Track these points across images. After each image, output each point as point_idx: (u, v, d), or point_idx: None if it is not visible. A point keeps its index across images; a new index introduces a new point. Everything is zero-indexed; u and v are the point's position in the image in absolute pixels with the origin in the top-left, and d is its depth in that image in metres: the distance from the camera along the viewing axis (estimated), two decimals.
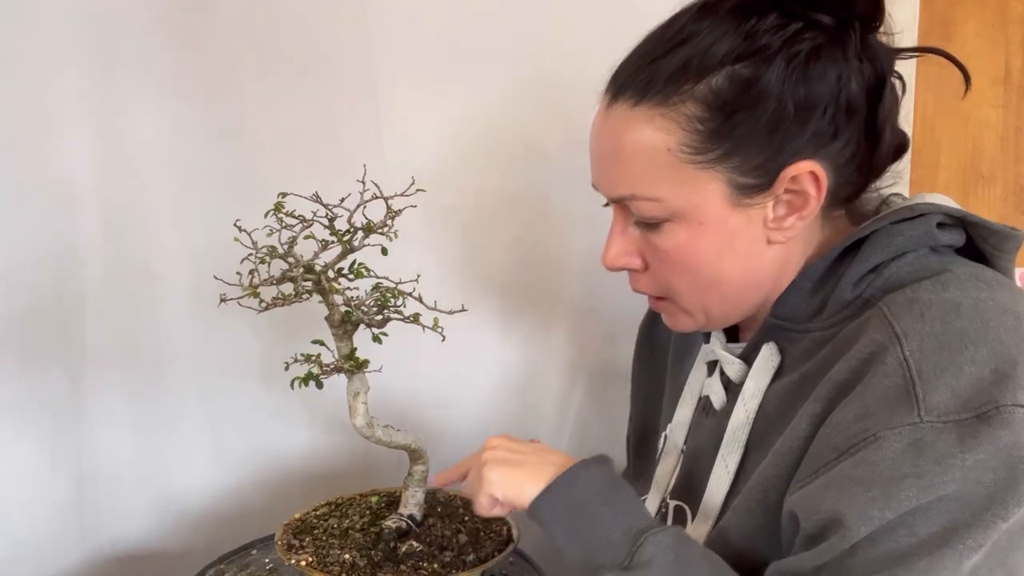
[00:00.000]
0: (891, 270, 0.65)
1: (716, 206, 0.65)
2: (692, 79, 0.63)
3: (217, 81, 1.07)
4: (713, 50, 0.63)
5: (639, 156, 0.66)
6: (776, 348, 0.70)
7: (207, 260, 0.97)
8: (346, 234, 0.83)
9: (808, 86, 0.63)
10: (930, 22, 1.33)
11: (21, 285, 1.03)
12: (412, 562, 0.85)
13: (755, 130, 0.63)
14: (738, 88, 0.62)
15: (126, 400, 1.11)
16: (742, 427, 0.71)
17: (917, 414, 0.56)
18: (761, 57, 0.62)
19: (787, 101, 0.62)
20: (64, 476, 1.10)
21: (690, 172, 0.65)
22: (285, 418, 1.18)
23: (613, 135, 0.68)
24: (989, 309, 0.59)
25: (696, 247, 0.67)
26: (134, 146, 1.06)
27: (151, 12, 1.03)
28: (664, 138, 0.64)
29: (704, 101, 0.63)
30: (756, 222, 0.66)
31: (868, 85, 0.65)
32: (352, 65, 1.10)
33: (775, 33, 0.62)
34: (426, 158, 1.10)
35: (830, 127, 0.64)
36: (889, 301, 0.62)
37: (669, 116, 0.64)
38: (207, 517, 1.18)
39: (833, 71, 0.63)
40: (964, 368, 0.56)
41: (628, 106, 0.66)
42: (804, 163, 0.64)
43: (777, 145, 0.63)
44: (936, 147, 1.38)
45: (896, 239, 0.65)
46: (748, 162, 0.64)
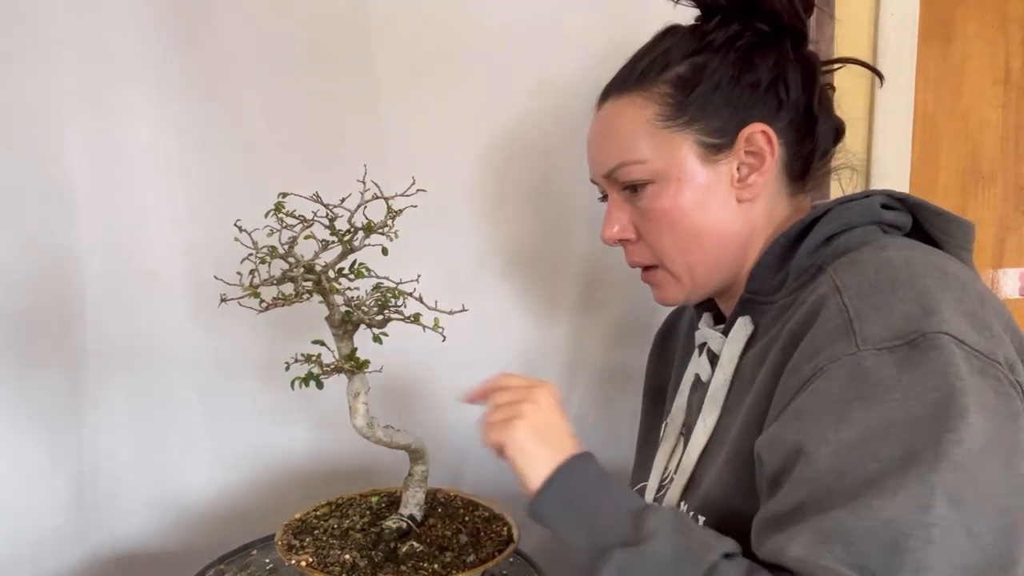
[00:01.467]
0: (840, 240, 0.75)
1: (689, 163, 0.80)
2: (661, 70, 0.81)
3: (217, 81, 1.07)
4: (676, 49, 0.82)
5: (625, 129, 0.82)
6: (749, 320, 0.81)
7: (207, 260, 0.97)
8: (346, 234, 0.83)
9: (750, 68, 0.80)
10: (930, 22, 1.33)
11: (21, 285, 1.03)
12: (412, 562, 0.85)
13: (712, 101, 0.80)
14: (695, 71, 0.80)
15: (126, 400, 1.11)
16: (720, 388, 0.81)
17: (855, 343, 0.64)
18: (711, 48, 0.80)
19: (736, 79, 0.79)
20: (64, 476, 1.09)
21: (666, 136, 0.80)
22: (285, 418, 1.18)
23: (604, 123, 0.86)
24: (918, 263, 0.68)
25: (678, 202, 0.81)
26: (134, 146, 1.06)
27: (151, 12, 1.03)
28: (643, 112, 0.81)
29: (671, 82, 0.81)
30: (724, 180, 0.81)
31: (802, 77, 0.81)
32: (352, 65, 1.10)
33: (720, 31, 0.81)
34: (426, 158, 1.10)
35: (773, 100, 0.80)
36: (835, 264, 0.72)
37: (646, 96, 0.81)
38: (207, 517, 1.18)
39: (770, 59, 0.80)
40: (895, 306, 0.65)
41: (614, 99, 0.84)
42: (756, 124, 0.79)
43: (731, 112, 0.80)
44: (936, 147, 1.38)
45: (844, 214, 0.76)
46: (711, 125, 0.80)
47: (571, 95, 1.13)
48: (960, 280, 0.67)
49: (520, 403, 0.76)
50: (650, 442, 1.00)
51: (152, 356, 1.11)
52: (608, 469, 0.95)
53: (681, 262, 0.83)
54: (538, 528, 0.74)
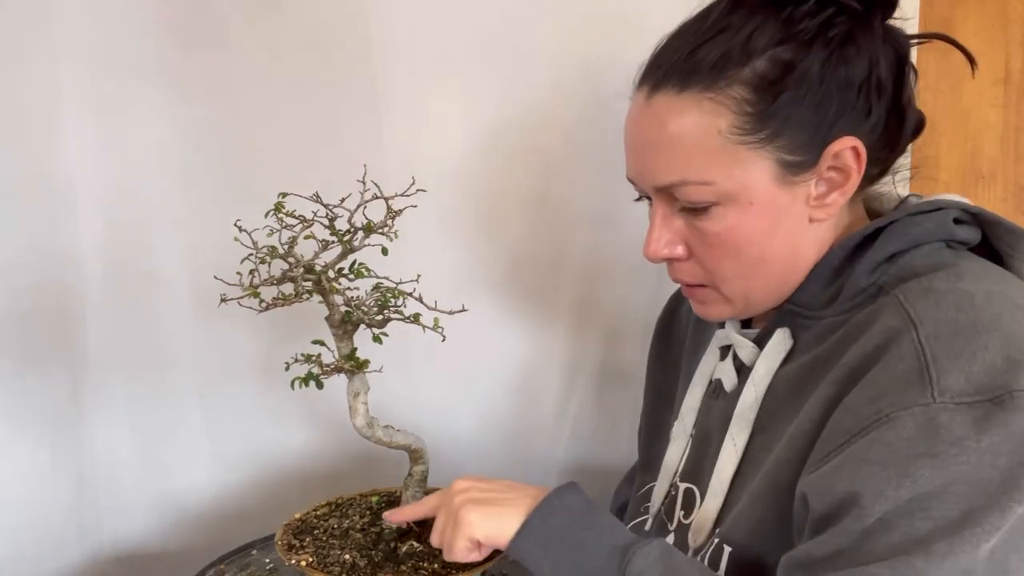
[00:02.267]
0: (906, 259, 0.67)
1: (764, 185, 0.68)
2: (737, 64, 0.66)
3: (217, 81, 1.07)
4: (755, 36, 0.66)
5: (688, 140, 0.68)
6: (789, 333, 0.72)
7: (207, 260, 0.97)
8: (346, 234, 0.83)
9: (845, 66, 0.66)
10: (930, 22, 1.33)
11: (21, 285, 1.03)
12: (412, 562, 0.85)
13: (800, 109, 0.66)
14: (781, 70, 0.66)
15: (126, 400, 1.11)
16: (751, 407, 0.72)
17: (931, 394, 0.57)
18: (800, 41, 0.66)
19: (828, 81, 0.66)
20: (64, 476, 1.09)
21: (741, 153, 0.67)
22: (285, 418, 1.18)
23: (658, 123, 0.69)
24: (1001, 302, 0.61)
25: (745, 228, 0.69)
26: (134, 146, 1.06)
27: (151, 12, 1.03)
28: (714, 121, 0.67)
29: (750, 84, 0.66)
30: (800, 200, 0.69)
31: (893, 66, 0.69)
32: (352, 65, 1.10)
33: (811, 18, 0.66)
34: (426, 158, 1.10)
35: (865, 105, 0.68)
36: (904, 289, 0.64)
37: (717, 100, 0.66)
38: (207, 517, 1.18)
39: (866, 52, 0.67)
40: (977, 354, 0.58)
41: (673, 94, 0.68)
42: (846, 139, 0.67)
43: (820, 123, 0.67)
44: (936, 147, 1.38)
45: (913, 229, 0.67)
46: (795, 140, 0.67)
47: (572, 95, 1.13)
48: None
49: (452, 504, 0.71)
50: (656, 439, 0.95)
51: (152, 356, 1.11)
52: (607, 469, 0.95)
53: (739, 287, 0.73)
54: None
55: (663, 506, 0.83)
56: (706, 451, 0.78)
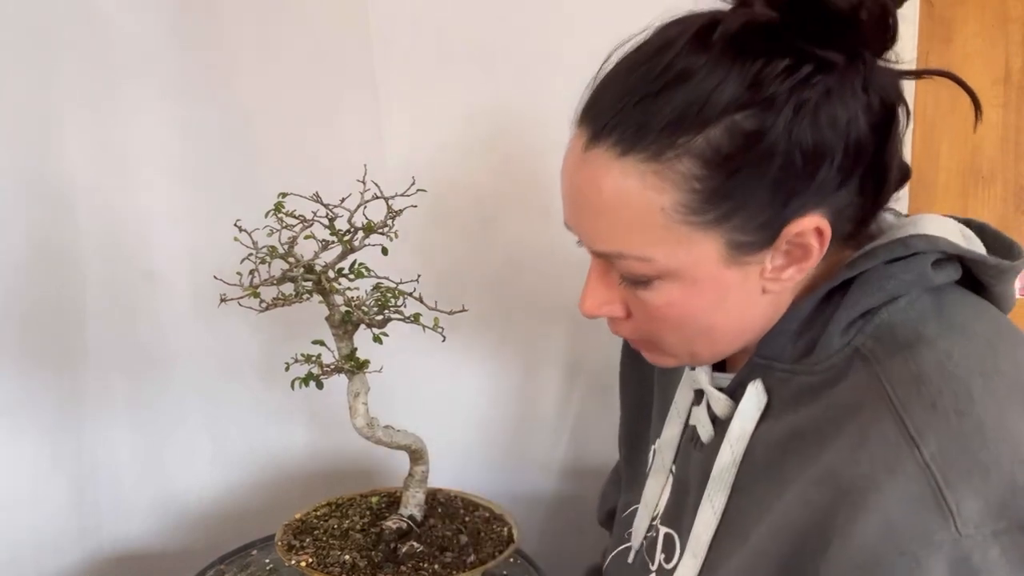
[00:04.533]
0: (882, 316, 0.60)
1: (711, 265, 0.60)
2: (689, 131, 0.55)
3: (217, 81, 1.07)
4: (713, 97, 0.55)
5: (627, 213, 0.59)
6: (763, 386, 0.65)
7: (207, 260, 0.97)
8: (346, 234, 0.83)
9: (817, 135, 0.56)
10: (930, 22, 1.33)
11: (21, 285, 1.03)
12: (412, 563, 0.85)
13: (759, 187, 0.56)
14: (741, 142, 0.55)
15: (126, 400, 1.11)
16: (728, 469, 0.66)
17: (953, 527, 0.50)
18: (766, 107, 0.55)
19: (794, 154, 0.56)
20: (64, 476, 1.09)
21: (686, 232, 0.58)
22: (285, 418, 1.18)
23: (594, 184, 0.60)
24: (1000, 388, 0.55)
25: (688, 304, 0.62)
26: (134, 146, 1.06)
27: (151, 12, 1.03)
28: (657, 197, 0.57)
29: (702, 157, 0.56)
30: (752, 276, 0.61)
31: (876, 120, 0.58)
32: (352, 65, 1.10)
33: (784, 80, 0.55)
34: (426, 158, 1.10)
35: (838, 175, 0.58)
36: (890, 373, 0.57)
37: (662, 174, 0.56)
38: (207, 517, 1.18)
39: (843, 114, 0.56)
40: (990, 470, 0.52)
41: (613, 155, 0.58)
42: (809, 219, 0.58)
43: (782, 201, 0.57)
44: (936, 147, 1.38)
45: (887, 283, 0.60)
46: (749, 221, 0.58)
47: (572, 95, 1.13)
48: None
49: None
50: (636, 451, 0.90)
51: (152, 356, 1.11)
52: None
53: (684, 350, 0.67)
54: (538, 528, 0.74)
55: (644, 542, 0.79)
56: (685, 499, 0.73)
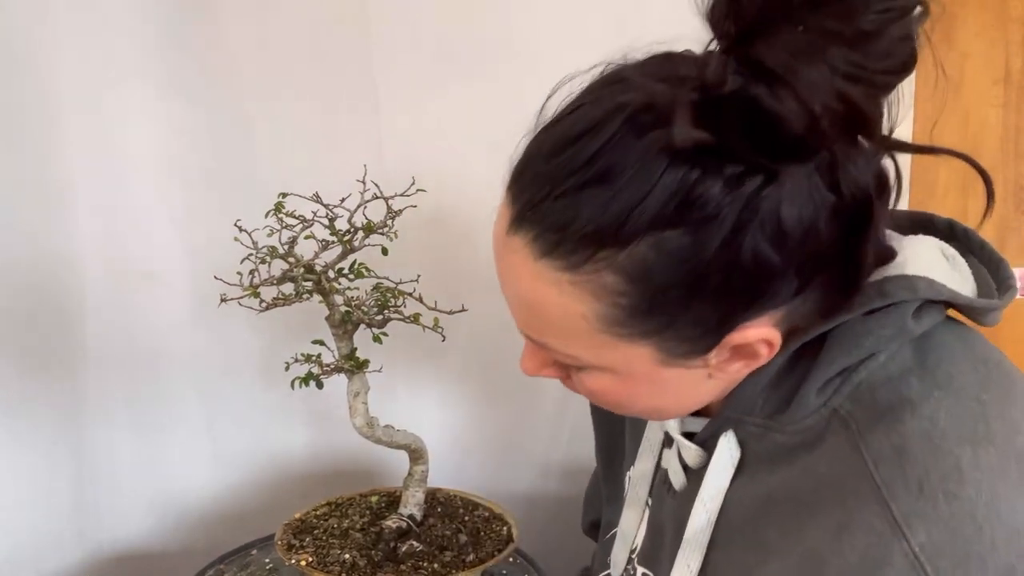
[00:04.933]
0: (860, 375, 0.54)
1: (645, 366, 0.54)
2: (610, 246, 0.48)
3: (217, 81, 1.07)
4: (638, 212, 0.47)
5: (547, 314, 0.53)
6: (735, 439, 0.60)
7: (207, 260, 0.97)
8: (346, 234, 0.83)
9: (762, 253, 0.48)
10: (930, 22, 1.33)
11: (21, 285, 1.03)
12: (412, 562, 0.85)
13: (692, 305, 0.50)
14: (670, 261, 0.48)
15: (126, 400, 1.11)
16: (703, 530, 0.62)
17: None
18: (701, 224, 0.47)
19: (734, 274, 0.48)
20: (64, 477, 1.10)
21: (610, 340, 0.52)
22: (285, 418, 1.18)
23: (515, 273, 0.54)
24: (992, 459, 0.49)
25: (624, 392, 0.57)
26: (134, 146, 1.06)
27: (151, 12, 1.03)
28: (576, 306, 0.51)
29: (625, 273, 0.48)
30: (695, 369, 0.55)
31: (846, 219, 0.50)
32: (352, 65, 1.10)
33: (723, 195, 0.46)
34: (426, 158, 1.10)
35: (793, 284, 0.50)
36: (872, 449, 0.51)
37: (581, 285, 0.50)
38: (207, 517, 1.18)
39: (799, 226, 0.48)
40: (986, 560, 0.47)
41: (529, 253, 0.51)
42: (754, 330, 0.52)
43: (719, 318, 0.51)
44: None
45: (864, 340, 0.53)
46: (683, 334, 0.52)
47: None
48: None
49: None
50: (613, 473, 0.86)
51: (152, 356, 1.11)
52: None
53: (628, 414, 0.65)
54: (538, 527, 0.74)
55: None
56: (661, 541, 0.70)
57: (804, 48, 0.44)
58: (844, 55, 0.45)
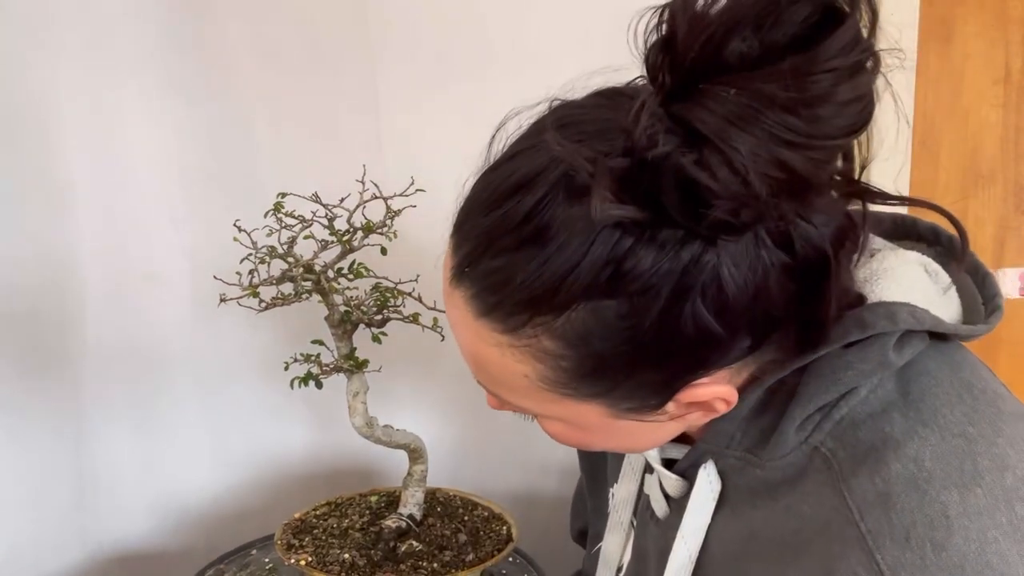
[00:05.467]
0: (841, 411, 0.52)
1: (598, 419, 0.53)
2: (546, 313, 0.47)
3: (217, 81, 1.07)
4: (573, 278, 0.45)
5: (492, 369, 0.52)
6: (715, 470, 0.59)
7: (207, 260, 0.97)
8: (346, 234, 0.83)
9: (705, 320, 0.45)
10: (930, 22, 1.33)
11: (21, 286, 1.03)
12: (411, 561, 0.85)
13: (634, 370, 0.48)
14: (607, 329, 0.46)
15: (126, 400, 1.11)
16: (685, 566, 0.60)
17: None
18: (637, 296, 0.45)
19: (675, 340, 0.46)
20: (64, 477, 1.10)
21: (557, 398, 0.51)
22: (285, 418, 1.18)
23: (459, 327, 0.53)
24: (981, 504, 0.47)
25: (584, 438, 0.57)
26: (134, 146, 1.06)
27: (151, 12, 1.03)
28: (518, 367, 0.50)
29: (564, 338, 0.47)
30: (652, 419, 0.53)
31: (802, 276, 0.47)
32: (352, 65, 1.10)
33: (656, 266, 0.44)
34: (426, 158, 1.10)
35: (744, 342, 0.48)
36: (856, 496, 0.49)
37: (521, 348, 0.49)
38: (207, 517, 1.18)
39: (744, 290, 0.45)
40: None
41: (469, 311, 0.50)
42: (704, 389, 0.50)
43: (665, 380, 0.49)
44: (936, 147, 1.38)
45: (843, 374, 0.51)
46: (629, 395, 0.50)
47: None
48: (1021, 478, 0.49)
49: None
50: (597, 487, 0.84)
51: (152, 356, 1.12)
52: None
53: None
54: (537, 527, 0.74)
55: None
56: (645, 568, 0.69)
57: (738, 113, 0.41)
58: (782, 120, 0.41)
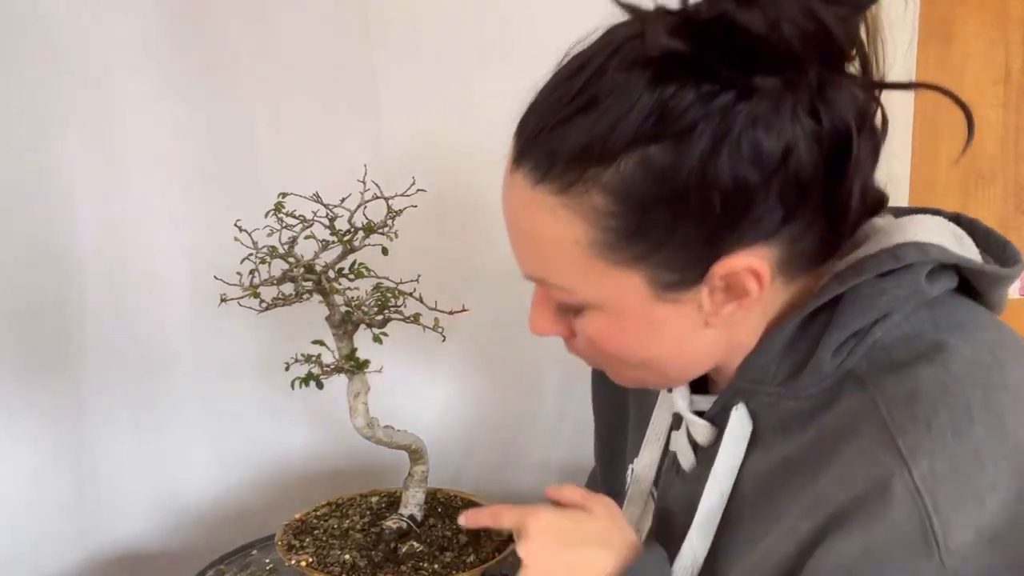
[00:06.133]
0: (875, 335, 0.55)
1: (637, 300, 0.56)
2: (597, 164, 0.51)
3: (217, 81, 1.07)
4: (622, 127, 0.50)
5: (543, 243, 0.56)
6: (746, 412, 0.61)
7: (207, 260, 0.97)
8: (346, 234, 0.83)
9: (741, 170, 0.50)
10: (930, 22, 1.33)
11: (21, 286, 1.03)
12: (412, 562, 0.85)
13: (678, 226, 0.52)
14: (653, 177, 0.51)
15: (126, 400, 1.11)
16: (716, 509, 0.62)
17: (938, 558, 0.48)
18: (680, 138, 0.50)
19: (714, 191, 0.50)
20: (64, 476, 1.09)
21: (602, 267, 0.55)
22: (285, 418, 1.18)
23: (514, 206, 0.58)
24: (1002, 402, 0.50)
25: (621, 336, 0.59)
26: (134, 146, 1.06)
27: (151, 12, 1.03)
28: (570, 230, 0.54)
29: (614, 192, 0.52)
30: (688, 311, 0.56)
31: (827, 148, 0.52)
32: (352, 65, 1.10)
33: (698, 109, 0.49)
34: (426, 158, 1.10)
35: (776, 211, 0.52)
36: (885, 393, 0.52)
37: (572, 207, 0.53)
38: (207, 517, 1.18)
39: (776, 145, 0.50)
40: (986, 497, 0.48)
41: (528, 182, 0.55)
42: (740, 258, 0.53)
43: (705, 240, 0.53)
44: (936, 147, 1.38)
45: (879, 299, 0.55)
46: (672, 260, 0.54)
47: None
48: None
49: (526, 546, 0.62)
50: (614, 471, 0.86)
51: (152, 356, 1.11)
52: None
53: (633, 378, 0.64)
54: None
55: None
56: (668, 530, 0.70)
57: None
58: None
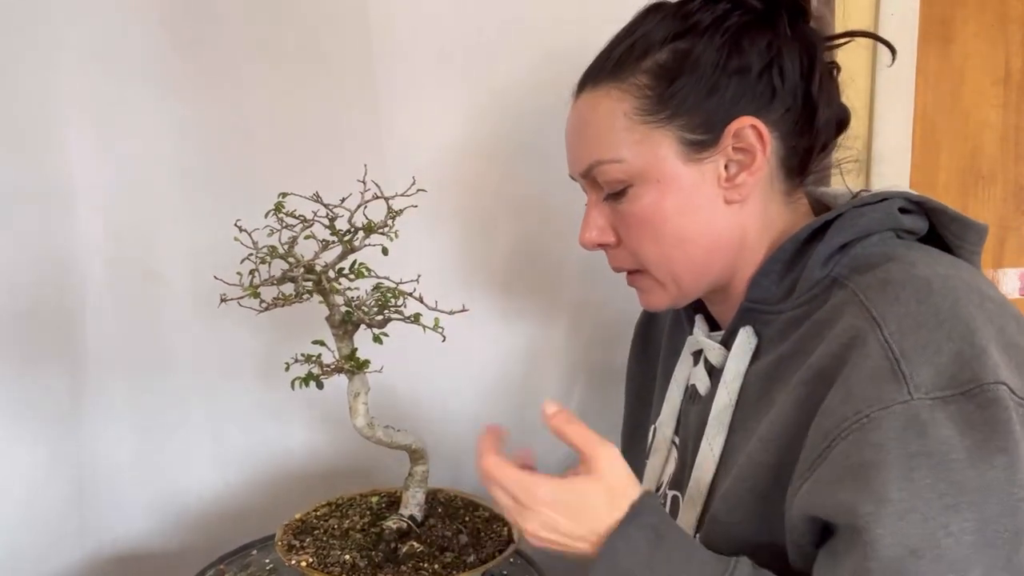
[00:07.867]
0: (857, 249, 0.70)
1: (671, 162, 0.74)
2: (640, 57, 0.74)
3: (217, 81, 1.07)
4: (655, 32, 0.74)
5: (600, 125, 0.76)
6: (752, 331, 0.75)
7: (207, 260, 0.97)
8: (347, 234, 0.83)
9: (740, 53, 0.72)
10: (930, 22, 1.33)
11: (21, 285, 1.03)
12: (412, 563, 0.85)
13: (696, 92, 0.72)
14: (677, 59, 0.73)
15: (126, 400, 1.11)
16: (725, 409, 0.75)
17: (907, 391, 0.58)
18: (696, 32, 0.73)
19: (721, 66, 0.72)
20: (64, 476, 1.09)
21: (645, 132, 0.74)
22: (285, 418, 1.18)
23: (580, 117, 0.80)
24: (957, 287, 0.62)
25: (660, 205, 0.74)
26: (134, 146, 1.06)
27: (151, 12, 1.03)
28: (619, 105, 0.75)
29: (651, 72, 0.74)
30: (710, 179, 0.74)
31: (800, 61, 0.73)
32: (352, 65, 1.09)
33: (706, 11, 0.73)
34: (426, 158, 1.10)
35: (766, 89, 0.72)
36: (862, 285, 0.65)
37: (622, 88, 0.75)
38: (207, 517, 1.18)
39: (763, 41, 0.72)
40: (943, 346, 0.59)
41: (589, 90, 0.78)
42: (745, 119, 0.72)
43: (717, 104, 0.72)
44: (936, 147, 1.38)
45: (860, 220, 0.70)
46: (693, 120, 0.73)
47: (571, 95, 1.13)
48: (995, 302, 0.64)
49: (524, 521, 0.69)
50: (636, 443, 0.95)
51: (152, 356, 1.11)
52: None
53: (665, 270, 0.77)
54: None
55: None
56: (688, 457, 0.79)
57: None
58: None
